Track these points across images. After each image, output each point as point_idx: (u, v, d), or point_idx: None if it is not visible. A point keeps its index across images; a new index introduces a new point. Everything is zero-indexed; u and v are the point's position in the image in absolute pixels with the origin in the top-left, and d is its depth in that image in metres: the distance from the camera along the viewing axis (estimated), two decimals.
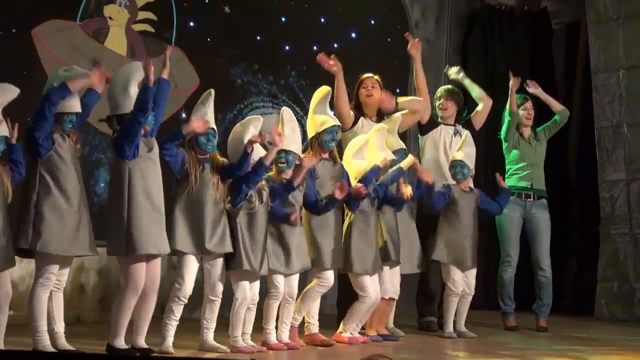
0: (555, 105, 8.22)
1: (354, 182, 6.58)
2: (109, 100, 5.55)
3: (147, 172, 5.50)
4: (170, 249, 5.59)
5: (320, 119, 6.50)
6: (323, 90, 6.56)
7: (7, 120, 5.26)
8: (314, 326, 6.53)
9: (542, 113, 8.36)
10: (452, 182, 7.44)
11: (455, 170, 7.34)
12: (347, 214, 6.66)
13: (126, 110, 5.47)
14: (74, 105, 5.43)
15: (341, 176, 6.58)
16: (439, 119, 7.92)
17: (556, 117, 8.18)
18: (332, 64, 7.12)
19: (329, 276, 6.44)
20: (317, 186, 6.43)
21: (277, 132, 6.02)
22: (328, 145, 6.51)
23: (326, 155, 6.56)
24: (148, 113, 5.42)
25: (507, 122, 8.11)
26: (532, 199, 8.01)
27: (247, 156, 5.85)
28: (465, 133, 7.62)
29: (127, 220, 5.42)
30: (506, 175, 8.11)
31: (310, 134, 6.55)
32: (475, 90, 8.05)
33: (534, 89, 8.21)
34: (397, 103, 7.45)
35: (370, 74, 7.39)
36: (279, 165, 6.18)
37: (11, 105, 5.28)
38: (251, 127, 6.03)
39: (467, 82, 8.08)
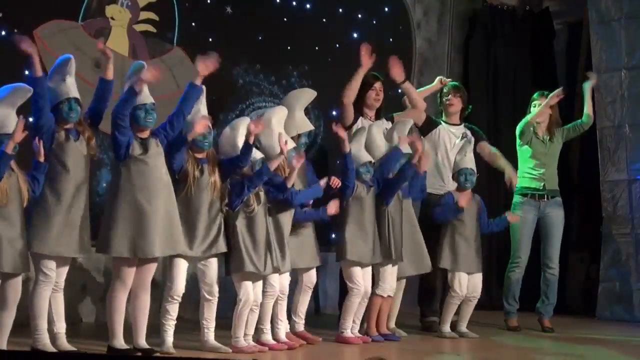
0: (590, 108, 8.17)
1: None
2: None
3: (136, 175, 5.51)
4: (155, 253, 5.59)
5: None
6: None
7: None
8: (298, 324, 6.59)
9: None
10: (450, 186, 7.44)
11: (465, 178, 7.30)
12: (345, 202, 6.68)
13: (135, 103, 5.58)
14: (67, 90, 5.45)
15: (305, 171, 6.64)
16: (444, 116, 7.89)
17: (584, 119, 8.13)
18: (369, 60, 7.22)
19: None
20: None
21: (283, 142, 6.09)
22: (302, 147, 6.55)
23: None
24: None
25: (527, 120, 8.00)
26: (545, 199, 7.97)
27: (249, 147, 5.88)
28: (471, 138, 7.61)
29: (108, 220, 5.49)
30: (519, 175, 8.05)
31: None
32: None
33: (593, 81, 8.27)
34: (405, 81, 7.49)
35: (379, 77, 7.41)
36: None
37: None
38: (241, 128, 6.05)
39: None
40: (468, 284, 7.26)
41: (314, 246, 6.59)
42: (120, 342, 5.55)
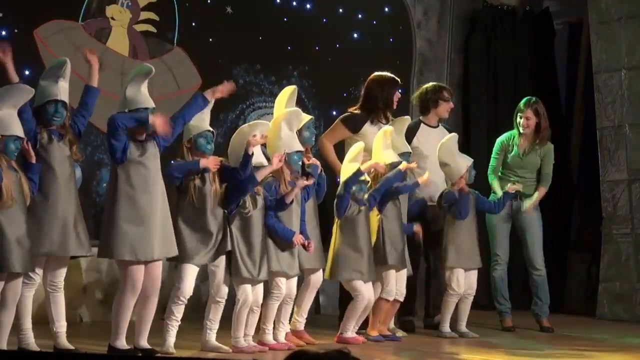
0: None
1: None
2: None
3: (134, 177, 5.51)
4: (160, 256, 5.61)
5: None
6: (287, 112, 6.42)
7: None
8: (300, 323, 6.59)
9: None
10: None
11: (468, 175, 7.28)
12: (335, 221, 6.68)
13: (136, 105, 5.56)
14: (57, 92, 5.43)
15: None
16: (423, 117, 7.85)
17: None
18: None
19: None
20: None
21: (279, 157, 6.02)
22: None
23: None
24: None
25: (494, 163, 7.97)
26: (519, 199, 7.87)
27: (248, 158, 5.86)
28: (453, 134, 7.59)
29: (108, 224, 5.49)
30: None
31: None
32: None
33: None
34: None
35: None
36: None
37: None
38: (257, 131, 6.03)
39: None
40: (464, 281, 7.26)
41: (320, 248, 6.57)
42: (122, 343, 5.56)
